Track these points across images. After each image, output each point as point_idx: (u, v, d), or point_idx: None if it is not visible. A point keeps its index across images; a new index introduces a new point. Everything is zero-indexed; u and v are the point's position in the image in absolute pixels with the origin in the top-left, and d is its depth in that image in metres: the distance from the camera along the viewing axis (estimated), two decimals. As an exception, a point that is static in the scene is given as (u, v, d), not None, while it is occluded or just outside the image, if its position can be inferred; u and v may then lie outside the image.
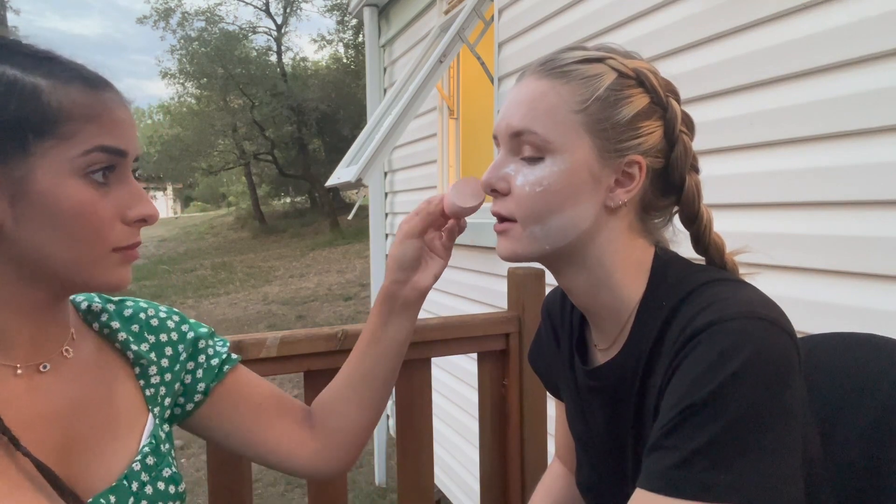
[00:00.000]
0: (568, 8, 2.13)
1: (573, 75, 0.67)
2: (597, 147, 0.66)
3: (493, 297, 2.64)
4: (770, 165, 1.40)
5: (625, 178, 0.68)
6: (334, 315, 8.42)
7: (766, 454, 0.55)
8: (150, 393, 0.75)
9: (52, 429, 0.63)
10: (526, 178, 0.67)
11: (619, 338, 0.72)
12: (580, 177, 0.66)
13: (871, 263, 1.20)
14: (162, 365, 0.77)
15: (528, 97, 0.68)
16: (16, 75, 0.56)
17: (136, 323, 0.77)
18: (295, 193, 20.31)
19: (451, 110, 3.27)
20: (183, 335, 0.81)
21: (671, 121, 0.68)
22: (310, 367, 1.13)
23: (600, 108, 0.66)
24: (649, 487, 0.58)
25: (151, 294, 10.80)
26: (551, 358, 0.89)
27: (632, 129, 0.67)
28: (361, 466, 4.15)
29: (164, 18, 16.92)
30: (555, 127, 0.66)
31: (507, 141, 0.70)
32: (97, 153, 0.59)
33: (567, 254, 0.70)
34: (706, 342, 0.59)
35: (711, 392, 0.56)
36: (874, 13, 1.18)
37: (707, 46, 1.55)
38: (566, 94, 0.66)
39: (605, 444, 0.76)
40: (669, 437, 0.58)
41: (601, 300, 0.72)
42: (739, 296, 0.62)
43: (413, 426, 1.24)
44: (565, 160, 0.66)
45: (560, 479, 0.98)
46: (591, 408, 0.78)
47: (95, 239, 0.60)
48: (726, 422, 0.55)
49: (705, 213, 0.72)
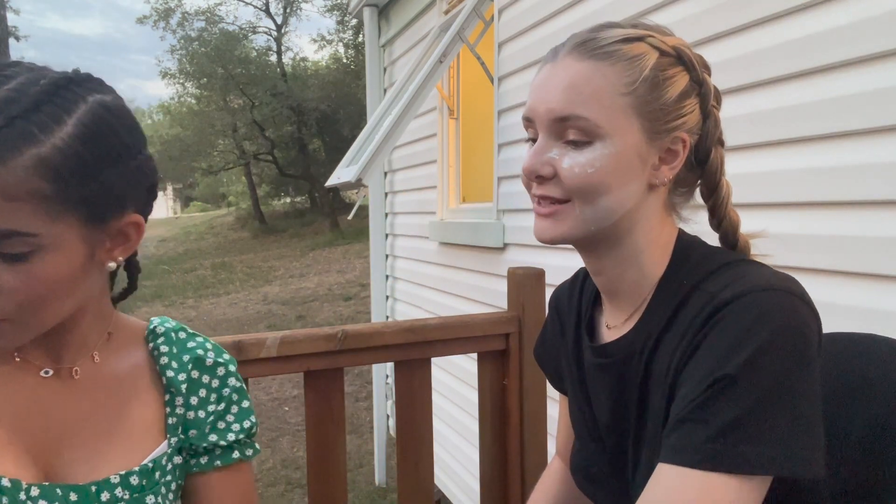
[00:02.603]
0: (568, 8, 2.13)
1: (617, 56, 0.65)
2: (645, 129, 0.66)
3: (493, 297, 2.64)
4: (770, 165, 1.40)
5: (668, 156, 0.68)
6: (334, 315, 8.42)
7: (799, 423, 0.55)
8: (172, 422, 0.75)
9: (51, 418, 0.68)
10: (575, 160, 0.65)
11: (635, 315, 0.72)
12: (629, 159, 0.66)
13: (872, 263, 1.20)
14: (190, 402, 0.77)
15: (570, 80, 0.66)
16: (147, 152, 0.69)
17: (187, 354, 0.78)
18: (295, 193, 20.32)
19: (451, 110, 3.26)
20: (223, 384, 0.79)
21: (706, 96, 0.69)
22: (310, 367, 1.13)
23: (647, 89, 0.65)
24: (681, 462, 0.57)
25: (151, 294, 10.80)
26: (556, 350, 0.89)
27: (677, 108, 0.67)
28: (361, 466, 4.15)
29: (164, 18, 16.93)
30: (603, 111, 0.64)
31: (549, 125, 0.67)
32: None
33: (607, 233, 0.69)
34: (733, 315, 0.59)
35: (742, 364, 0.56)
36: (875, 13, 1.18)
37: (707, 46, 1.55)
38: (612, 77, 0.65)
39: (607, 427, 0.76)
40: (701, 410, 0.57)
41: (628, 278, 0.72)
42: (763, 272, 0.64)
43: (413, 426, 1.24)
44: (615, 143, 0.65)
45: (560, 478, 0.97)
46: (595, 389, 0.78)
47: None
48: (759, 393, 0.55)
49: (725, 185, 0.73)
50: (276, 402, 5.43)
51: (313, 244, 14.14)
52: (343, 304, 8.98)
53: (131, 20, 50.26)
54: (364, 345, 1.16)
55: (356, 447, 4.41)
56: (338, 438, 1.18)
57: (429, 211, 3.39)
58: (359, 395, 5.51)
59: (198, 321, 8.72)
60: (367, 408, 5.12)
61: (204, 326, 8.36)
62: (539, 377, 1.17)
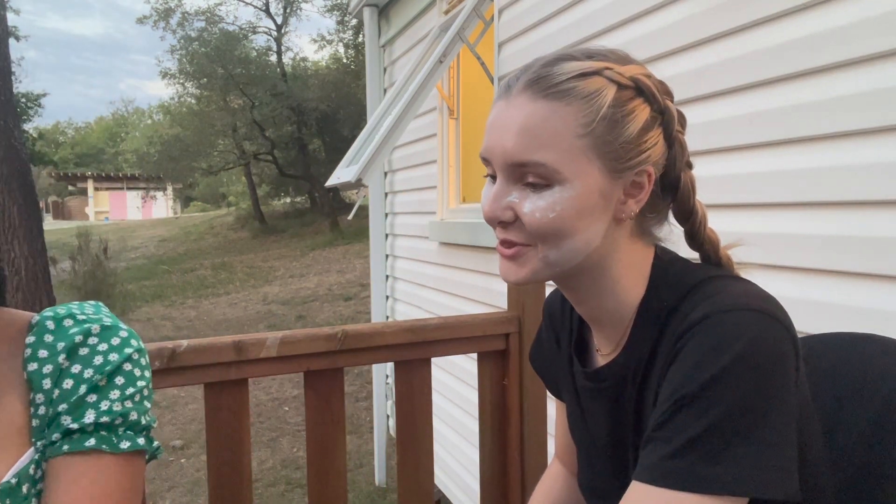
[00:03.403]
0: (568, 8, 2.13)
1: (573, 95, 0.63)
2: (607, 168, 0.64)
3: (493, 297, 2.64)
4: (770, 165, 1.40)
5: (633, 189, 0.66)
6: (334, 315, 8.42)
7: (759, 445, 0.55)
8: (36, 424, 0.65)
9: None
10: (535, 204, 0.64)
11: (622, 341, 0.72)
12: (592, 200, 0.64)
13: (871, 263, 1.20)
14: (52, 396, 0.66)
15: (524, 122, 0.63)
16: None
17: (64, 341, 0.68)
18: (295, 193, 20.28)
19: (451, 110, 3.26)
20: (99, 370, 0.67)
21: (669, 124, 0.67)
22: (310, 367, 1.13)
23: (606, 128, 0.63)
24: (642, 479, 0.58)
25: (151, 294, 10.80)
26: (553, 359, 0.89)
27: (639, 144, 0.64)
28: (361, 466, 4.15)
29: (164, 18, 16.90)
30: (560, 155, 0.62)
31: (506, 168, 0.65)
32: None
33: (577, 269, 0.68)
34: (700, 334, 0.59)
35: (704, 383, 0.56)
36: (875, 13, 1.18)
37: (707, 46, 1.55)
38: (568, 118, 0.62)
39: (607, 446, 0.76)
40: (662, 428, 0.58)
41: (606, 307, 0.71)
42: (736, 289, 0.63)
43: (413, 426, 1.24)
44: (575, 187, 0.63)
45: (559, 480, 0.97)
46: (591, 410, 0.78)
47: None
48: (719, 413, 0.55)
49: (700, 209, 0.72)
50: (276, 402, 5.43)
51: (313, 244, 14.13)
52: (343, 304, 8.98)
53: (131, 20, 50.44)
54: (364, 345, 1.16)
55: (356, 447, 4.41)
56: (338, 438, 1.18)
57: (429, 211, 3.39)
58: (359, 395, 5.51)
59: (198, 321, 8.72)
60: (367, 408, 5.12)
61: (204, 326, 8.36)
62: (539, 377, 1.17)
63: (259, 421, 4.97)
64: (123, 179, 34.02)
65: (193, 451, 4.48)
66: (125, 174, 34.04)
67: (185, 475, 4.16)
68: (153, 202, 26.98)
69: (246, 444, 1.12)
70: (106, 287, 7.49)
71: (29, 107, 20.32)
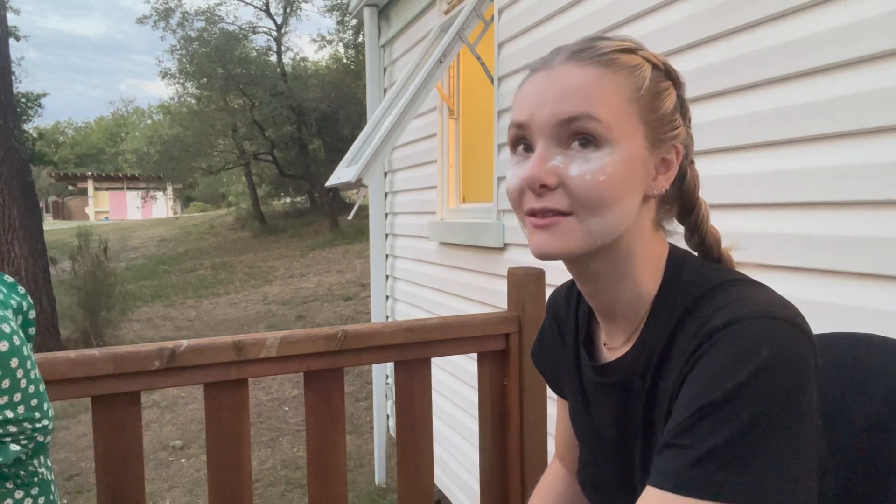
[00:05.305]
0: (568, 8, 2.13)
1: (619, 64, 0.65)
2: (648, 137, 0.66)
3: (493, 297, 2.64)
4: (770, 165, 1.40)
5: (663, 166, 0.68)
6: (334, 315, 8.42)
7: (781, 456, 0.54)
8: None
9: None
10: (584, 168, 0.62)
11: (633, 336, 0.71)
12: (636, 167, 0.65)
13: (871, 263, 1.20)
14: None
15: (577, 83, 0.63)
16: None
17: None
18: (295, 193, 20.28)
19: (451, 110, 3.26)
20: None
21: (686, 113, 0.71)
22: (310, 367, 1.13)
23: (650, 98, 0.66)
24: (661, 486, 0.57)
25: (151, 294, 10.80)
26: (556, 356, 0.89)
27: (672, 120, 0.68)
28: (362, 466, 4.15)
29: (164, 18, 16.89)
30: (614, 115, 0.63)
31: (553, 129, 0.64)
32: None
33: (609, 248, 0.67)
34: (724, 341, 0.58)
35: (728, 392, 0.56)
36: (874, 13, 1.18)
37: (707, 46, 1.55)
38: (619, 82, 0.64)
39: (613, 441, 0.76)
40: (684, 435, 0.58)
41: (622, 299, 0.71)
42: (758, 296, 0.62)
43: (413, 426, 1.24)
44: (623, 149, 0.63)
45: (559, 479, 0.97)
46: (598, 405, 0.77)
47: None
48: (742, 422, 0.55)
49: (703, 204, 0.73)
50: (276, 402, 5.43)
51: (313, 244, 14.13)
52: (343, 304, 8.98)
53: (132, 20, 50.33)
54: (364, 345, 1.16)
55: (356, 447, 4.41)
56: (338, 438, 1.18)
57: (429, 211, 3.39)
58: (359, 395, 5.51)
59: (198, 321, 8.72)
60: (367, 408, 5.13)
61: (204, 326, 8.36)
62: (539, 377, 1.17)
63: (259, 421, 4.97)
64: (123, 179, 34.00)
65: (193, 451, 4.48)
66: (125, 174, 34.01)
67: (185, 475, 4.16)
68: (153, 202, 26.94)
69: (246, 444, 1.12)
70: (106, 287, 7.48)
71: (29, 107, 20.30)
